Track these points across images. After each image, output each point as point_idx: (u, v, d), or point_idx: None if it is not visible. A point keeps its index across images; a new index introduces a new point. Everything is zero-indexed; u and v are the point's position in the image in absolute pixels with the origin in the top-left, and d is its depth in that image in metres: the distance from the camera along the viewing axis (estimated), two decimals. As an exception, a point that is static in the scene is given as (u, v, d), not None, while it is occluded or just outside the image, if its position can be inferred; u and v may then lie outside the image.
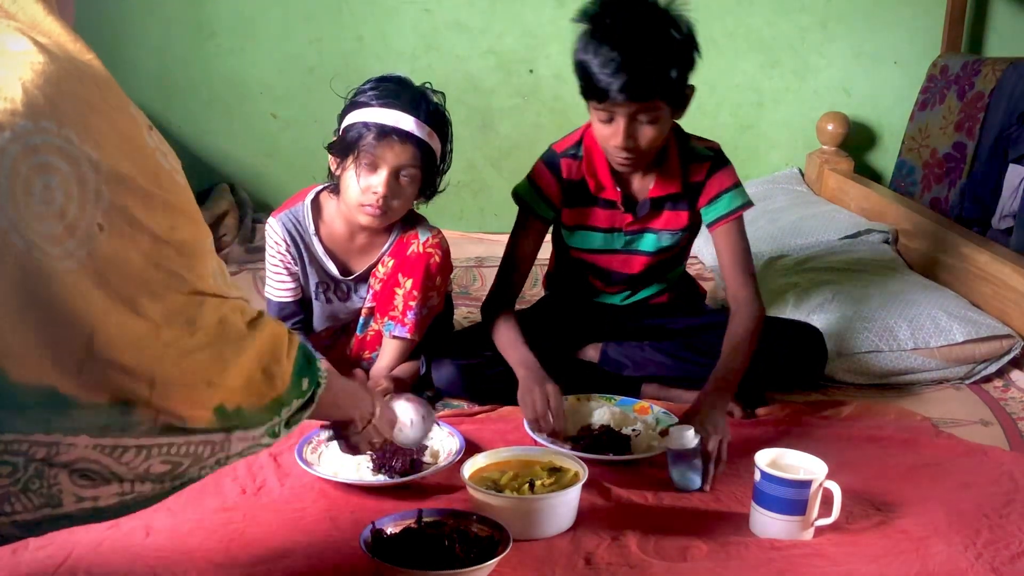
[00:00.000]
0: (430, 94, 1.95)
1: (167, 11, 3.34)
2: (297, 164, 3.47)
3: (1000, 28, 3.52)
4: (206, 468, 1.13)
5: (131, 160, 1.02)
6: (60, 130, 0.95)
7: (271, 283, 2.01)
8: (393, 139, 1.86)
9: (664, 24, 1.80)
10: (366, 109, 1.89)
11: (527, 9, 3.43)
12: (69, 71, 0.99)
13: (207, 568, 1.41)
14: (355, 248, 2.02)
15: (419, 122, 1.88)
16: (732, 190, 2.01)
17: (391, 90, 1.90)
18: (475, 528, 1.43)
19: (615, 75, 1.77)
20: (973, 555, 1.45)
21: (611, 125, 1.85)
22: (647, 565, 1.43)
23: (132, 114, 1.05)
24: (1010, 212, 2.76)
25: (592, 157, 2.00)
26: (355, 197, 1.90)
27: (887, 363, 2.20)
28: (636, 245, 2.07)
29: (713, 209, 2.00)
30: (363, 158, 1.87)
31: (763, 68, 3.53)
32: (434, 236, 2.00)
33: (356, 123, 1.88)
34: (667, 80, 1.80)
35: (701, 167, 2.01)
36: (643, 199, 2.01)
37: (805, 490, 1.49)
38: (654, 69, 1.78)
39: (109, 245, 0.99)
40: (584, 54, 1.82)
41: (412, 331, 1.98)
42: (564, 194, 2.02)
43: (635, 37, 1.78)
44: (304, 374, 1.22)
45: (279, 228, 1.98)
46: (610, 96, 1.79)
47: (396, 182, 1.89)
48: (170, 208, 1.05)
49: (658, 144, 1.89)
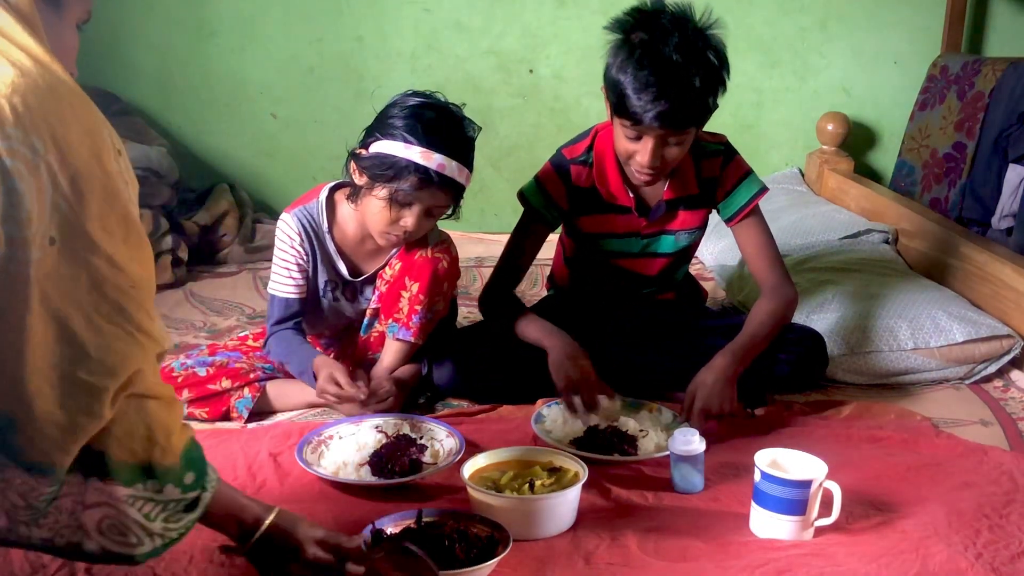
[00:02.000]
0: (471, 130, 1.88)
1: (167, 11, 3.35)
2: (297, 164, 3.47)
3: (1000, 28, 3.52)
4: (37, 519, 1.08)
5: (92, 179, 1.02)
6: (27, 138, 0.96)
7: (278, 279, 1.99)
8: (434, 185, 1.82)
9: (704, 49, 1.75)
10: (410, 147, 1.79)
11: (527, 9, 3.43)
12: (41, 85, 0.99)
13: (207, 568, 1.41)
14: (365, 251, 2.01)
15: (461, 167, 1.84)
16: (746, 180, 2.01)
17: (438, 127, 1.82)
18: (475, 528, 1.43)
19: (653, 103, 1.72)
20: (973, 555, 1.45)
21: (638, 143, 1.82)
22: (647, 565, 1.43)
23: (103, 135, 1.05)
24: (1010, 212, 2.76)
25: (604, 165, 1.98)
26: (379, 224, 1.88)
27: (887, 363, 2.20)
28: (654, 248, 2.07)
29: (731, 204, 2.00)
30: (398, 195, 1.82)
31: (763, 68, 3.52)
32: (443, 242, 1.99)
33: (398, 158, 1.80)
34: (704, 108, 1.79)
35: (713, 163, 2.00)
36: (657, 202, 2.01)
37: (805, 490, 1.49)
38: (693, 99, 1.74)
39: (56, 260, 0.99)
40: (619, 73, 1.76)
41: (416, 335, 1.97)
42: (572, 200, 2.01)
43: (675, 64, 1.72)
44: (192, 466, 1.17)
45: (294, 223, 1.96)
46: (644, 122, 1.76)
47: (425, 219, 1.88)
48: (121, 238, 1.05)
49: (681, 159, 1.88)
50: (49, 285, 0.99)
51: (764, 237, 2.02)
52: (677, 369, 2.04)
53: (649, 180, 1.90)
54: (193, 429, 1.21)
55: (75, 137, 1.01)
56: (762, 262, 2.00)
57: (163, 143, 3.06)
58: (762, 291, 2.00)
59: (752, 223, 2.01)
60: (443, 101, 1.88)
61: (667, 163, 1.85)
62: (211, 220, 3.12)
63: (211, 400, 1.94)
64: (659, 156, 1.82)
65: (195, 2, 3.36)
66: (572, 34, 3.44)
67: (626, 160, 1.89)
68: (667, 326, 2.14)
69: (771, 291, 1.98)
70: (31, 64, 1.00)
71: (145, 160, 2.82)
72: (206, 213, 3.12)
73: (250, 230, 3.21)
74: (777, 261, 2.01)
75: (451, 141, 1.82)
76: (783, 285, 1.99)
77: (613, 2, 3.36)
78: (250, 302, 2.72)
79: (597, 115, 3.39)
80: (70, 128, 1.01)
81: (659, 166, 1.84)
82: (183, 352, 2.13)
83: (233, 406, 1.95)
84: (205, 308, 2.67)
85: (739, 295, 2.60)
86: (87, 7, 1.18)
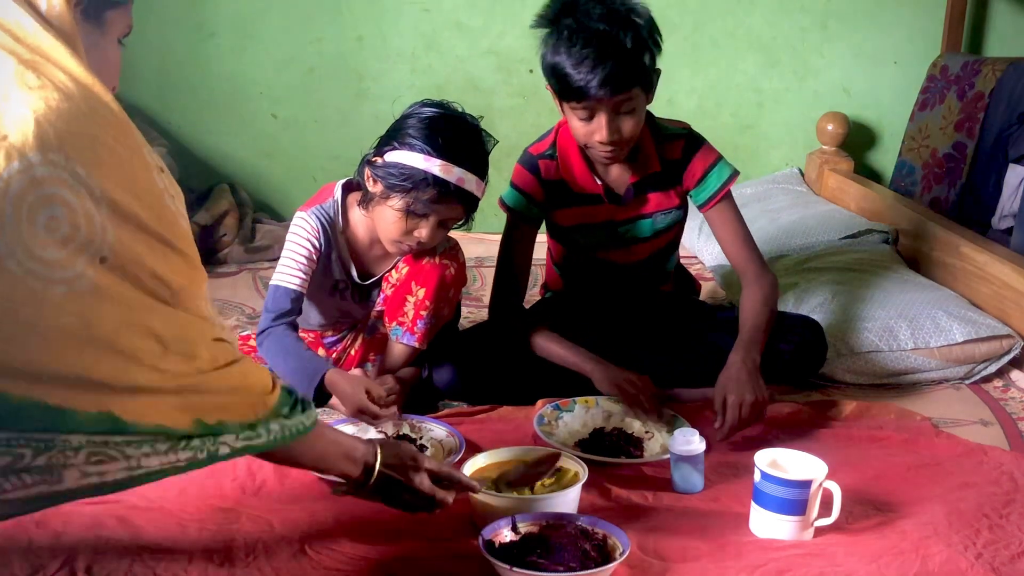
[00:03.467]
0: (488, 143, 1.89)
1: (167, 11, 3.34)
2: (297, 164, 3.47)
3: (1000, 28, 3.52)
4: None
5: (139, 199, 1.06)
6: (67, 163, 0.99)
7: (288, 270, 1.93)
8: (452, 198, 1.82)
9: (626, 12, 1.81)
10: (430, 159, 1.79)
11: (527, 9, 3.39)
12: (83, 109, 1.02)
13: (207, 568, 1.41)
14: (375, 255, 2.01)
15: (479, 181, 1.85)
16: (716, 165, 2.03)
17: (458, 141, 1.82)
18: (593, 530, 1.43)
19: (592, 72, 1.77)
20: (973, 555, 1.45)
21: (592, 122, 1.86)
22: (647, 565, 1.43)
23: (144, 155, 1.09)
24: (1010, 212, 2.77)
25: (567, 157, 2.01)
26: (392, 233, 1.86)
27: (887, 363, 2.20)
28: (633, 233, 2.08)
29: (703, 189, 2.03)
30: (415, 206, 1.81)
31: (763, 68, 3.52)
32: (451, 248, 1.98)
33: (417, 169, 1.79)
34: (642, 67, 1.82)
35: (675, 144, 2.02)
36: (626, 187, 2.02)
37: (805, 490, 1.49)
38: (628, 58, 1.79)
39: (107, 277, 1.02)
40: (555, 56, 1.82)
41: (420, 340, 1.96)
42: (547, 194, 2.04)
43: (603, 32, 1.78)
44: (289, 403, 1.26)
45: (314, 221, 1.93)
46: (590, 94, 1.80)
47: (439, 230, 1.88)
48: (171, 250, 1.09)
49: (638, 131, 1.91)
50: (107, 303, 1.03)
51: (737, 221, 2.05)
52: (680, 367, 2.05)
53: (611, 157, 1.92)
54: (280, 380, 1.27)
55: (116, 160, 1.04)
56: (738, 247, 2.04)
57: (163, 143, 3.06)
58: (744, 280, 2.04)
59: (725, 207, 2.04)
60: (460, 111, 1.88)
61: (624, 137, 1.87)
62: (211, 220, 3.12)
63: (211, 400, 1.94)
64: (615, 128, 1.85)
65: (195, 2, 3.36)
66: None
67: (585, 144, 1.92)
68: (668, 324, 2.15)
69: (755, 278, 2.02)
70: (73, 87, 1.03)
71: (145, 160, 2.82)
72: (206, 213, 3.12)
73: (250, 230, 3.21)
74: (753, 246, 2.05)
75: (470, 154, 1.83)
76: (763, 270, 2.03)
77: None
78: (250, 302, 2.72)
79: (597, 115, 3.41)
80: (113, 152, 1.04)
81: (617, 139, 1.86)
82: (183, 352, 2.12)
83: (233, 406, 1.94)
84: (205, 308, 2.67)
85: (739, 295, 2.59)
86: (128, 21, 1.21)
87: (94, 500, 1.57)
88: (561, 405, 1.92)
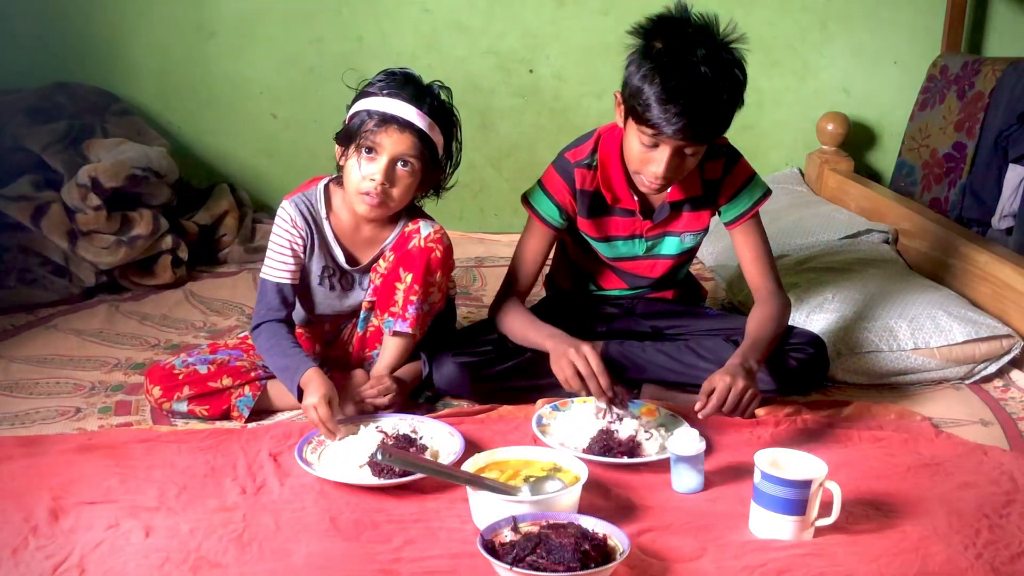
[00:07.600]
0: (436, 89, 1.97)
1: (167, 11, 3.34)
2: (297, 164, 3.46)
3: (1000, 28, 3.52)
4: None
5: None
6: None
7: (273, 264, 1.97)
8: (393, 127, 1.88)
9: (729, 65, 1.73)
10: (371, 98, 1.91)
11: (527, 9, 3.43)
12: None
13: (207, 568, 1.41)
14: (361, 239, 2.02)
15: (421, 113, 1.90)
16: (749, 184, 2.00)
17: (397, 82, 1.93)
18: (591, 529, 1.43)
19: (678, 116, 1.70)
20: (973, 555, 1.45)
21: (653, 152, 1.80)
22: (647, 565, 1.43)
23: None
24: (1010, 212, 2.77)
25: (608, 169, 1.98)
26: (355, 184, 1.92)
27: (887, 363, 2.20)
28: (658, 250, 2.07)
29: (733, 208, 2.00)
30: (363, 145, 1.89)
31: (763, 68, 3.52)
32: (436, 231, 1.99)
33: (360, 111, 1.91)
34: (728, 122, 1.78)
35: (716, 164, 1.99)
36: (661, 204, 2.01)
37: (805, 490, 1.49)
38: (720, 113, 1.74)
39: None
40: (640, 81, 1.74)
41: (413, 325, 1.96)
42: (578, 203, 2.01)
43: (703, 77, 1.70)
44: None
45: (292, 209, 1.97)
46: (667, 133, 1.74)
47: (394, 171, 1.90)
48: None
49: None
50: None
51: (762, 243, 2.02)
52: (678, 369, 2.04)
53: (658, 189, 1.89)
54: None
55: None
56: (758, 268, 2.01)
57: (163, 143, 3.05)
58: (757, 297, 2.01)
59: (751, 227, 2.01)
60: (415, 73, 1.99)
61: (679, 173, 1.85)
62: (211, 220, 3.12)
63: (211, 398, 1.94)
64: (674, 167, 1.81)
65: (195, 2, 3.35)
66: (572, 34, 3.43)
67: (637, 167, 1.87)
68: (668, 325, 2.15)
69: (768, 296, 1.99)
70: None
71: (145, 160, 2.81)
72: (206, 213, 3.12)
73: (250, 230, 3.21)
74: (772, 268, 2.02)
75: (412, 90, 1.92)
76: (778, 292, 2.00)
77: (613, 2, 3.40)
78: (250, 302, 2.71)
79: (597, 115, 3.41)
80: None
81: (671, 176, 1.84)
82: (184, 351, 2.13)
83: (234, 404, 1.95)
84: (205, 308, 2.67)
85: (739, 295, 2.60)
86: None
87: (95, 500, 1.58)
88: (560, 405, 1.92)
